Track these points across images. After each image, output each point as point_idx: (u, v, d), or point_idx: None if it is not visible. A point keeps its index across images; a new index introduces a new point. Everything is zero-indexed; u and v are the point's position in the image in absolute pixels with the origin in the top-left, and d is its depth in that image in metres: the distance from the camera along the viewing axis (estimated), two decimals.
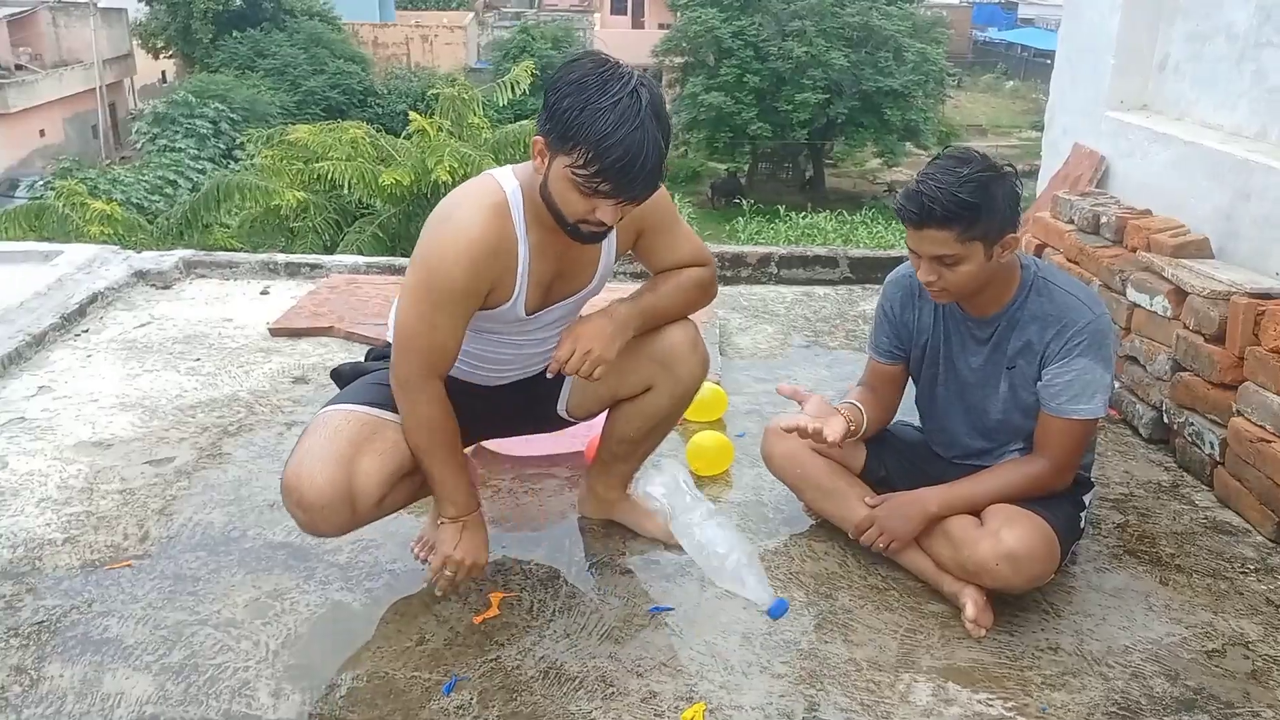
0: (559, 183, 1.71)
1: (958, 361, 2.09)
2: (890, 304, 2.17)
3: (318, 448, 1.81)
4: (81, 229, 9.10)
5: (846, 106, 21.97)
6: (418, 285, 1.81)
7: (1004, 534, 1.91)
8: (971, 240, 1.84)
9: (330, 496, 1.78)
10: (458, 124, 11.02)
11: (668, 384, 2.07)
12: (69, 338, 3.35)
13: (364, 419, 1.87)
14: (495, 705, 1.74)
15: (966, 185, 1.82)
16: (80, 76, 24.59)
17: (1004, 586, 1.94)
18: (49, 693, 1.75)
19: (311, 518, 1.82)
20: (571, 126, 1.65)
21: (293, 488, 1.80)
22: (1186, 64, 3.20)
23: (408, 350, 1.83)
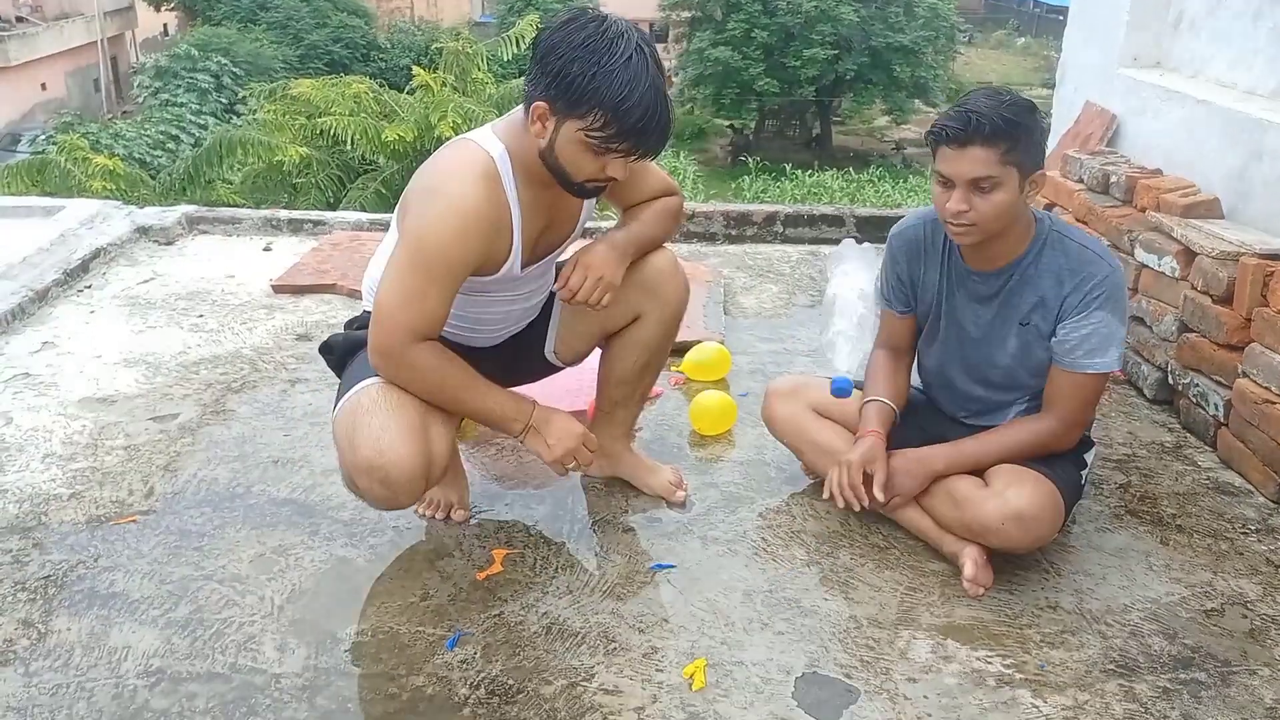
0: (570, 146, 1.72)
1: (962, 317, 2.07)
2: (896, 258, 2.15)
3: (391, 424, 1.78)
4: (84, 184, 9.06)
5: (855, 63, 21.67)
6: (409, 260, 1.77)
7: (1009, 494, 1.91)
8: (1011, 164, 1.82)
9: (416, 469, 1.79)
10: (462, 79, 10.92)
11: (655, 309, 2.09)
12: (72, 293, 3.35)
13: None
14: (498, 660, 1.75)
15: (1011, 106, 1.82)
16: (82, 29, 24.32)
17: (1009, 546, 1.94)
18: (56, 645, 1.77)
19: (394, 492, 1.80)
20: (585, 91, 1.65)
21: (376, 466, 1.76)
22: (1202, 20, 3.14)
23: (392, 321, 1.79)
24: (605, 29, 1.67)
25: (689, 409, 2.58)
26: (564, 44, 1.67)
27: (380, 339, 1.80)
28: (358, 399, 1.84)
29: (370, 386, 1.84)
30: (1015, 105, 1.83)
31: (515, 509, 2.20)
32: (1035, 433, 2.00)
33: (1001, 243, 1.95)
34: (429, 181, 1.81)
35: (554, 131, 1.73)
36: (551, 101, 1.70)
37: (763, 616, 1.88)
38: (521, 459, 2.40)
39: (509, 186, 1.81)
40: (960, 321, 2.08)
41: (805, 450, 2.24)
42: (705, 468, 2.39)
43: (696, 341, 2.88)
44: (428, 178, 1.82)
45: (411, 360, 1.81)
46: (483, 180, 1.78)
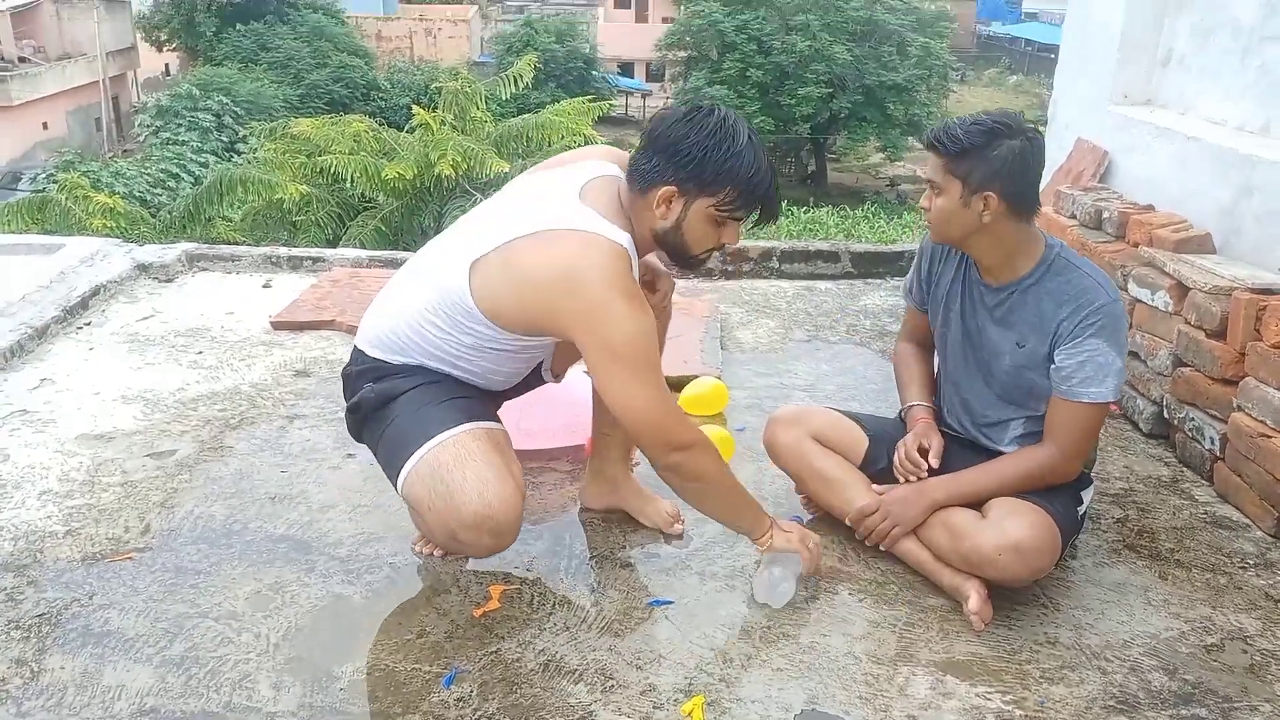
0: (699, 223, 1.89)
1: (967, 322, 2.12)
2: (923, 255, 2.22)
3: (488, 474, 1.86)
4: (84, 222, 9.12)
5: (849, 101, 21.93)
6: (638, 368, 1.83)
7: (1007, 524, 1.91)
8: (955, 176, 1.93)
9: (519, 511, 1.90)
10: (461, 118, 11.03)
11: None
12: (71, 330, 3.36)
13: (486, 432, 1.95)
14: (495, 698, 1.74)
15: (975, 127, 1.93)
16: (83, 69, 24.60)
17: (1005, 578, 1.94)
18: (50, 685, 1.75)
19: (503, 539, 1.91)
20: (721, 173, 1.84)
21: (486, 518, 1.85)
22: (1191, 58, 3.19)
23: (675, 422, 1.89)
24: (725, 117, 1.86)
25: None
26: (693, 133, 1.84)
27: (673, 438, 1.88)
28: (436, 458, 1.89)
29: (445, 444, 1.90)
30: (979, 128, 1.92)
31: (512, 545, 2.19)
32: (1036, 462, 2.01)
33: (998, 260, 2.01)
34: (601, 297, 1.81)
35: (683, 211, 1.88)
36: (681, 184, 1.86)
37: (761, 653, 1.87)
38: None
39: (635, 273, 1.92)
40: (968, 328, 2.12)
41: (806, 478, 2.24)
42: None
43: (694, 376, 2.89)
44: (597, 291, 1.81)
45: (703, 449, 1.91)
46: (628, 270, 1.87)
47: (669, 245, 1.93)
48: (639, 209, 1.90)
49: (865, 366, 3.22)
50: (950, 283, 2.14)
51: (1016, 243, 1.99)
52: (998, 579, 1.94)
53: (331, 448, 2.60)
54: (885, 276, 4.06)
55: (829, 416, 2.26)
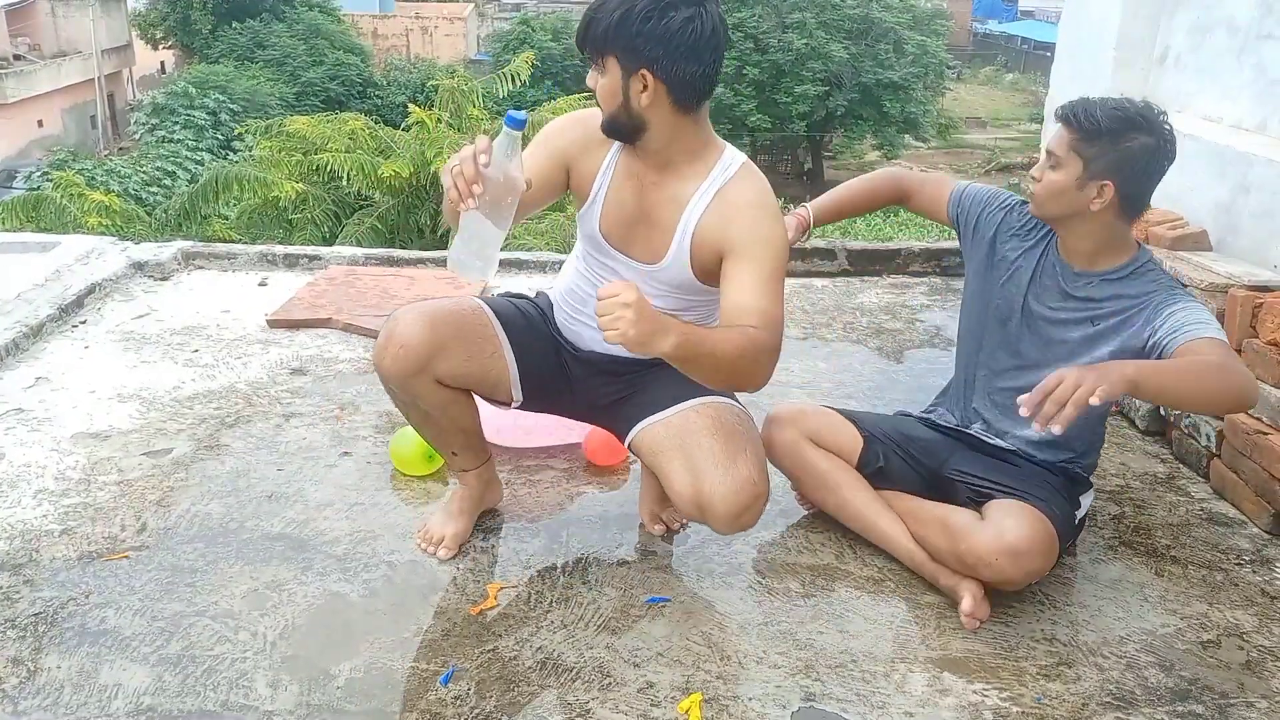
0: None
1: (1033, 302, 2.08)
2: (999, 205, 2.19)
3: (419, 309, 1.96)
4: (79, 220, 9.10)
5: (846, 99, 21.94)
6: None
7: (1005, 526, 1.91)
8: (1079, 155, 1.91)
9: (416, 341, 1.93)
10: (457, 116, 11.02)
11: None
12: (66, 329, 3.35)
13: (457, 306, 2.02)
14: (493, 696, 1.74)
15: (1116, 112, 1.90)
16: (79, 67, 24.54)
17: (1001, 580, 1.94)
18: (46, 684, 1.75)
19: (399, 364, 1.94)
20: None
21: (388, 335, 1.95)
22: (1187, 57, 3.19)
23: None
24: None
25: None
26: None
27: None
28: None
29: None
30: (1118, 113, 1.90)
31: (509, 542, 2.19)
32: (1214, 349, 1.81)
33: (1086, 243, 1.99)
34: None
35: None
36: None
37: (758, 650, 1.87)
38: (515, 492, 2.39)
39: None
40: (1029, 306, 2.08)
41: (803, 478, 2.24)
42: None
43: None
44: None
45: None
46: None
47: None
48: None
49: (862, 364, 3.22)
50: (1020, 255, 2.10)
51: (1111, 238, 1.98)
52: (993, 580, 1.94)
53: (328, 446, 2.60)
54: (882, 274, 4.06)
55: (825, 417, 2.25)
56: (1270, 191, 2.58)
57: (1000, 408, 2.14)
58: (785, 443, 2.23)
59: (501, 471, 2.45)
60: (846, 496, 2.15)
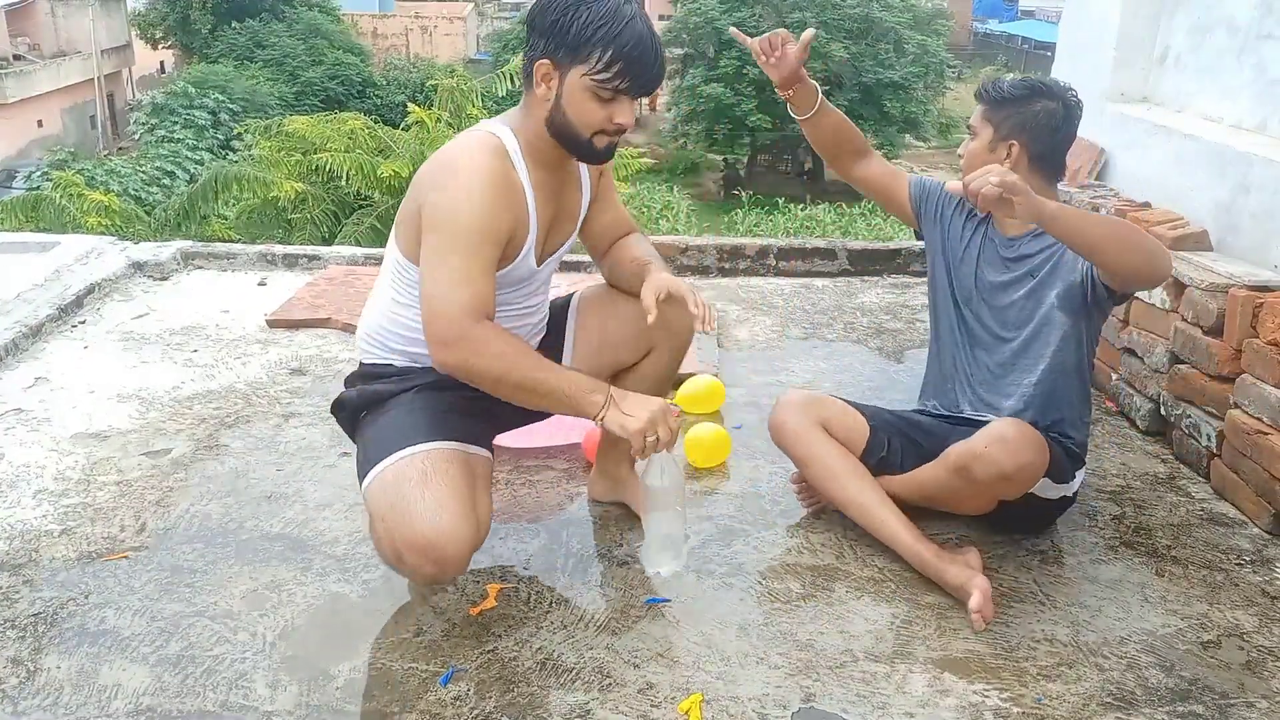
0: (576, 95, 1.78)
1: (980, 275, 2.25)
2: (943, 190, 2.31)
3: (448, 499, 1.73)
4: (79, 220, 9.09)
5: (846, 98, 21.89)
6: (446, 241, 1.75)
7: (994, 425, 2.01)
8: (988, 122, 2.16)
9: (468, 550, 1.76)
10: (456, 115, 11.00)
11: (666, 340, 2.10)
12: (66, 329, 3.35)
13: (463, 458, 1.84)
14: (492, 696, 1.74)
15: (1019, 83, 2.17)
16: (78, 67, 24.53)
17: (995, 474, 1.96)
18: (46, 684, 1.75)
19: (444, 571, 1.76)
20: (582, 34, 1.74)
21: (433, 545, 1.71)
22: (1187, 56, 3.19)
23: (447, 307, 1.73)
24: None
25: (683, 441, 2.58)
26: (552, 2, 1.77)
27: (441, 329, 1.74)
28: (402, 469, 1.77)
29: (417, 457, 1.78)
30: (1021, 84, 2.16)
31: (509, 543, 2.19)
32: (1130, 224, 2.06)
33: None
34: (442, 162, 1.81)
35: (559, 85, 1.79)
36: (552, 55, 1.77)
37: (758, 650, 1.87)
38: (515, 492, 2.39)
39: (520, 166, 1.85)
40: (986, 279, 2.24)
41: (808, 464, 2.22)
42: (700, 500, 2.39)
43: (690, 374, 2.89)
44: (439, 163, 1.82)
45: (479, 344, 1.74)
46: (493, 154, 1.81)
47: (561, 131, 1.82)
48: (531, 102, 1.83)
49: (862, 364, 3.22)
50: (970, 235, 2.27)
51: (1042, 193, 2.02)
52: (987, 478, 1.97)
53: (327, 446, 2.60)
54: (882, 274, 4.06)
55: (836, 406, 2.26)
56: (1270, 191, 2.58)
57: (982, 384, 2.24)
58: (796, 427, 2.23)
59: (502, 472, 2.45)
60: (852, 487, 2.15)
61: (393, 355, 1.97)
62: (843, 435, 2.22)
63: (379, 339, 1.98)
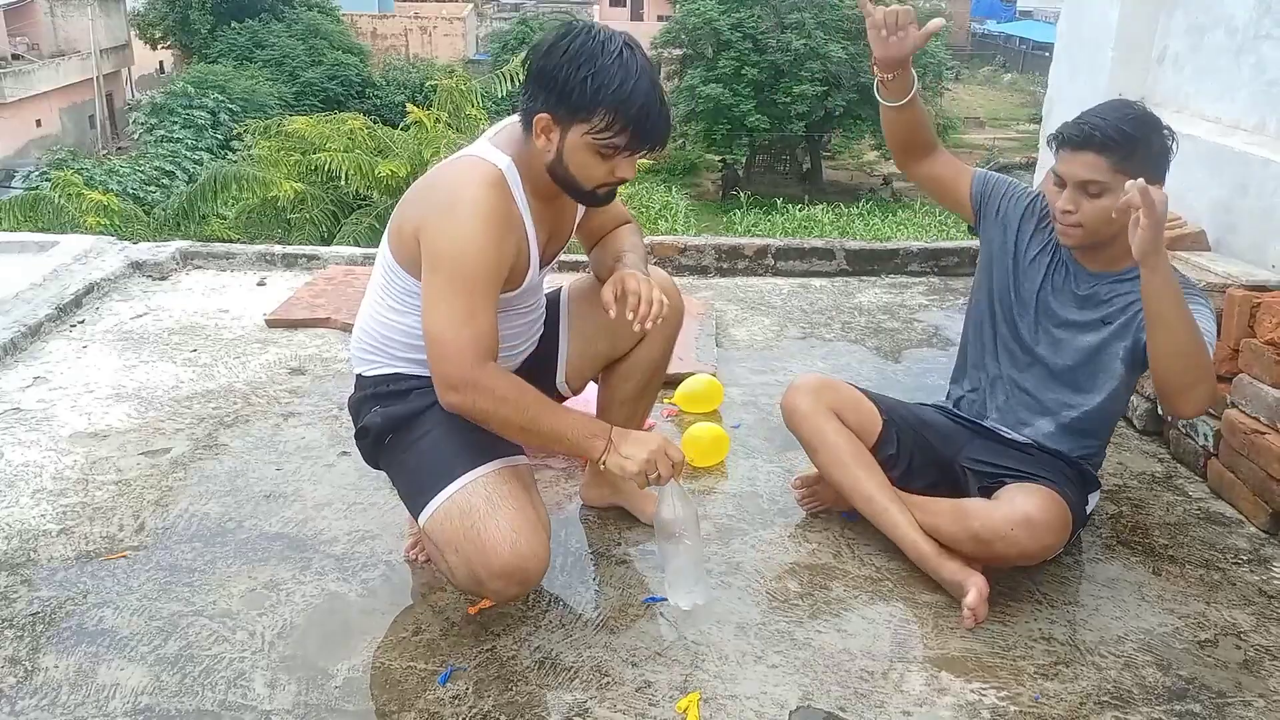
0: (578, 153, 1.76)
1: (1047, 299, 2.10)
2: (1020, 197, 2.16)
3: (521, 523, 1.75)
4: (78, 220, 9.09)
5: (844, 99, 21.93)
6: (450, 281, 1.74)
7: (1019, 500, 1.93)
8: (1121, 173, 1.88)
9: (547, 559, 1.78)
10: (456, 115, 11.01)
11: (659, 328, 2.07)
12: (64, 329, 3.35)
13: (514, 472, 1.84)
14: (490, 695, 1.74)
15: (1131, 120, 1.91)
16: (77, 67, 24.54)
17: (1016, 554, 1.94)
18: (44, 684, 1.75)
19: (528, 588, 1.81)
20: (586, 94, 1.69)
21: (517, 569, 1.73)
22: (1186, 56, 3.20)
23: (455, 349, 1.73)
24: (594, 34, 1.73)
25: (681, 440, 2.58)
26: (557, 54, 1.71)
27: (448, 371, 1.74)
28: (467, 500, 1.77)
29: (476, 484, 1.79)
30: (1137, 120, 1.91)
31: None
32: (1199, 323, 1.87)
33: (1110, 249, 2.00)
34: (443, 198, 1.78)
35: (560, 141, 1.76)
36: (553, 111, 1.73)
37: (756, 649, 1.88)
38: None
39: (519, 196, 1.83)
40: (1043, 304, 2.10)
41: (818, 449, 2.19)
42: (698, 499, 2.39)
43: (689, 374, 2.89)
44: (440, 194, 1.80)
45: (486, 385, 1.74)
46: (493, 188, 1.78)
47: (560, 179, 1.80)
48: (530, 145, 1.80)
49: (860, 364, 3.22)
50: (1039, 256, 2.11)
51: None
52: (1007, 556, 1.94)
53: (326, 445, 2.60)
54: (880, 274, 4.06)
55: (849, 392, 2.23)
56: (1268, 191, 2.58)
57: (1017, 398, 2.16)
58: (807, 412, 2.20)
59: None
60: (860, 476, 2.13)
61: (398, 364, 1.95)
62: (854, 424, 2.18)
63: (378, 347, 1.96)
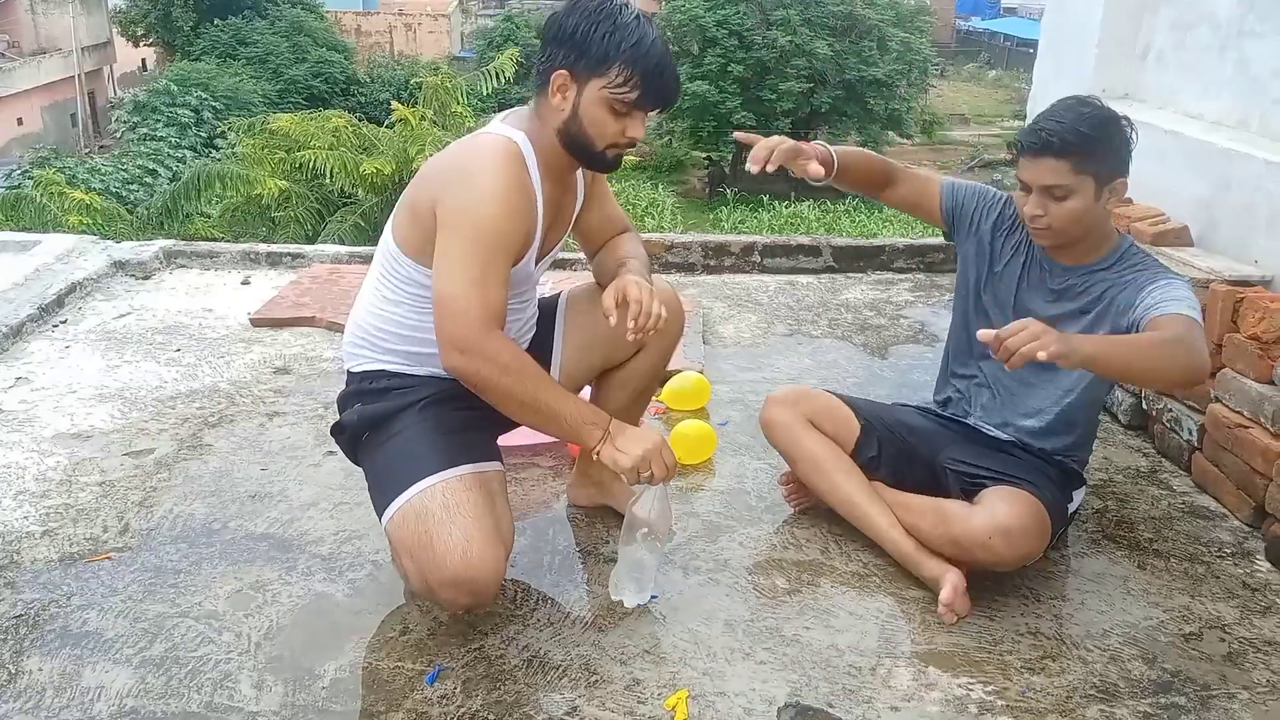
0: (593, 108, 1.79)
1: (1030, 301, 2.10)
2: (991, 204, 2.17)
3: (474, 532, 1.73)
4: (60, 219, 9.03)
5: (830, 96, 21.95)
6: (464, 243, 1.74)
7: (999, 508, 1.93)
8: (1084, 174, 1.89)
9: (501, 573, 1.78)
10: (441, 113, 10.99)
11: (656, 339, 2.08)
12: (47, 329, 3.32)
13: (479, 480, 1.82)
14: (479, 694, 1.74)
15: (1087, 120, 1.89)
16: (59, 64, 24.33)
17: (994, 561, 1.95)
18: (28, 687, 1.74)
19: (481, 600, 1.79)
20: (607, 48, 1.75)
21: (465, 579, 1.71)
22: (1170, 53, 3.21)
23: (463, 309, 1.72)
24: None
25: (669, 438, 2.58)
26: (576, 13, 1.78)
27: (455, 331, 1.73)
28: (424, 505, 1.76)
29: (435, 489, 1.77)
30: (1093, 118, 1.89)
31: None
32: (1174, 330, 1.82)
33: (1081, 244, 2.01)
34: (461, 164, 1.80)
35: (577, 97, 1.79)
36: (572, 67, 1.78)
37: (744, 646, 1.88)
38: None
39: (535, 177, 1.84)
40: (1021, 303, 2.10)
41: (797, 459, 2.23)
42: (686, 497, 2.39)
43: (676, 371, 2.89)
44: (458, 161, 1.81)
45: (491, 351, 1.73)
46: (511, 159, 1.80)
47: (574, 140, 1.82)
48: (544, 110, 1.83)
49: (847, 360, 3.23)
50: (1012, 257, 2.12)
51: (1102, 229, 2.00)
52: (986, 562, 1.95)
53: (312, 445, 2.59)
54: (866, 270, 4.07)
55: (826, 401, 2.25)
56: (1251, 188, 2.60)
57: (1000, 398, 2.17)
58: (783, 423, 2.23)
59: None
60: (837, 481, 2.15)
61: (384, 358, 1.94)
62: (831, 430, 2.21)
63: (369, 340, 1.95)
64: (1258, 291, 2.37)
